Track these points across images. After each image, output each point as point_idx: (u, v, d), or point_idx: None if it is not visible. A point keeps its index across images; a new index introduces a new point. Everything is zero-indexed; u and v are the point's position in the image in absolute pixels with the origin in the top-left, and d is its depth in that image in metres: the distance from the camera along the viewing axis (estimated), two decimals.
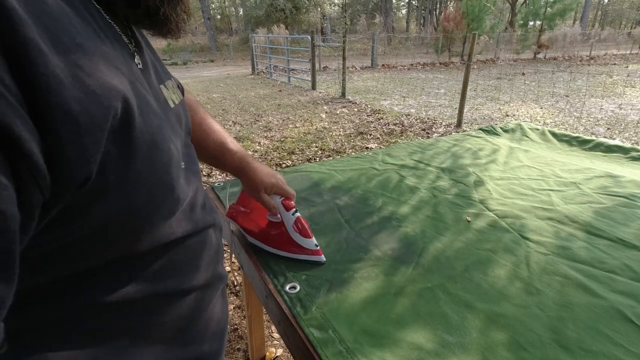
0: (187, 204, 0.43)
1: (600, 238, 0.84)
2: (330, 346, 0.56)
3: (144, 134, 0.31)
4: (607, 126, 4.57)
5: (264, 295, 0.73)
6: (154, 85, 0.43)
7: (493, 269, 0.74)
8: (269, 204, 0.75)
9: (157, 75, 0.45)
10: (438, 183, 1.14)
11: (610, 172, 1.18)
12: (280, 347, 1.43)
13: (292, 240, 0.75)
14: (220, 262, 0.52)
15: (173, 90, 0.49)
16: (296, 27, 20.78)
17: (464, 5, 13.35)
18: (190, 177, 0.44)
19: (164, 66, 0.52)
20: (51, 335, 0.32)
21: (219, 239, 0.53)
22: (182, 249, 0.42)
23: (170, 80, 0.51)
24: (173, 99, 0.47)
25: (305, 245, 0.75)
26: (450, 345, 0.56)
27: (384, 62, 12.94)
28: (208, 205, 0.51)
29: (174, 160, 0.37)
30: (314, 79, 7.46)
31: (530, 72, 10.03)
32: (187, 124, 0.51)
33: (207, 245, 0.47)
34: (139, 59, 0.41)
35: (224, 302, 0.52)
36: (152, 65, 0.45)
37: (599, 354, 0.55)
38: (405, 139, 4.01)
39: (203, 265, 0.46)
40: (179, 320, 0.41)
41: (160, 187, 0.34)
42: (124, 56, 0.35)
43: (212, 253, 0.49)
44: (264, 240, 0.79)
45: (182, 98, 0.52)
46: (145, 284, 0.38)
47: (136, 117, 0.30)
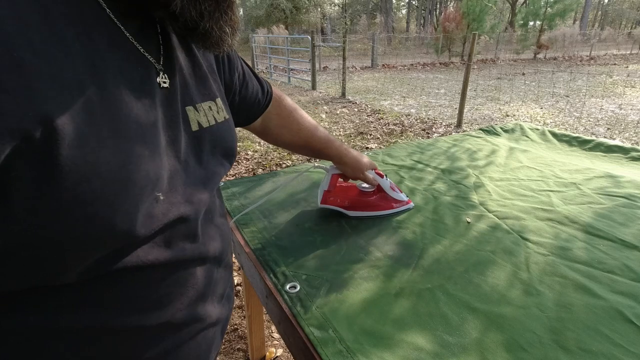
0: (165, 234, 0.39)
1: (600, 238, 0.84)
2: (330, 346, 0.56)
3: (77, 165, 0.28)
4: (607, 126, 4.57)
5: (264, 295, 0.73)
6: (176, 106, 0.42)
7: (493, 270, 0.74)
8: (370, 178, 0.91)
9: (186, 96, 0.44)
10: (438, 184, 1.14)
11: (610, 172, 1.18)
12: (280, 347, 1.43)
13: (391, 198, 0.94)
14: (208, 302, 0.47)
15: (207, 112, 0.47)
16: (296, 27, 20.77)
17: (464, 5, 13.35)
18: (177, 204, 0.40)
19: (211, 86, 0.50)
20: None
21: (210, 273, 0.48)
22: (151, 280, 0.39)
23: (211, 102, 0.49)
24: (201, 121, 0.46)
25: (402, 198, 0.95)
26: (450, 346, 0.56)
27: (384, 62, 12.94)
28: (207, 237, 0.46)
29: (142, 190, 0.34)
30: (314, 79, 7.46)
31: (530, 72, 10.03)
32: (217, 144, 0.49)
33: (189, 280, 0.43)
34: (165, 77, 0.40)
35: (203, 345, 0.46)
36: (183, 85, 0.44)
37: (599, 355, 0.55)
38: (405, 139, 4.01)
39: (177, 303, 0.42)
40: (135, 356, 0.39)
41: (99, 220, 0.31)
42: (122, 74, 0.34)
43: (195, 291, 0.44)
44: (366, 208, 0.93)
45: (223, 120, 0.51)
46: (92, 313, 0.35)
47: (64, 145, 0.27)
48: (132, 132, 0.34)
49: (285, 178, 1.19)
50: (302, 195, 1.07)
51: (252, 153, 3.58)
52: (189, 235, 0.43)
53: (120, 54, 0.35)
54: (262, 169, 3.21)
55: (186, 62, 0.47)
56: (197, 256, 0.44)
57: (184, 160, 0.42)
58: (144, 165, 0.34)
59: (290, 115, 0.81)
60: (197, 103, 0.46)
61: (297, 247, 0.81)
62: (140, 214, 0.34)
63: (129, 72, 0.35)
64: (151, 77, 0.38)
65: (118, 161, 0.32)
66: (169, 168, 0.39)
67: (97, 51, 0.32)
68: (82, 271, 0.33)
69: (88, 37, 0.31)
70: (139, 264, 0.37)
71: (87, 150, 0.29)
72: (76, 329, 0.35)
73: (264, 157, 3.45)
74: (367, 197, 0.94)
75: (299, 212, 0.96)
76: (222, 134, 0.50)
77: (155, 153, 0.36)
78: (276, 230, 0.88)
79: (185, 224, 0.41)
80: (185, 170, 0.42)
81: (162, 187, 0.37)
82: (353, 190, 0.95)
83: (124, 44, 0.36)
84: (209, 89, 0.50)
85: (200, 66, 0.49)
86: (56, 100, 0.27)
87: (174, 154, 0.41)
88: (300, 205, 1.00)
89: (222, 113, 0.51)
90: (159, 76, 0.39)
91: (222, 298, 0.51)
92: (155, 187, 0.36)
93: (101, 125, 0.31)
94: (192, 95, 0.46)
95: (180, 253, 0.41)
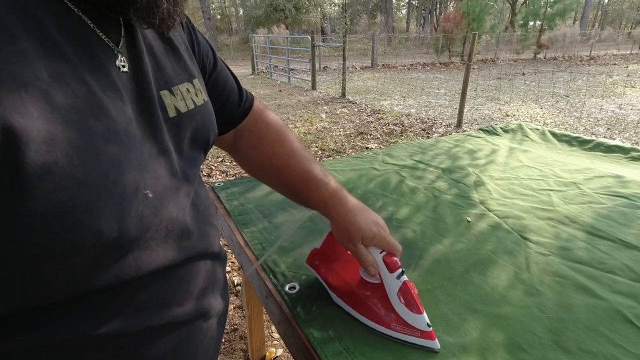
0: (159, 234, 0.37)
1: (600, 238, 0.84)
2: (330, 346, 0.56)
3: (49, 172, 0.25)
4: (607, 126, 4.57)
5: (264, 295, 0.73)
6: (148, 92, 0.38)
7: (493, 270, 0.74)
8: (366, 260, 0.56)
9: (160, 80, 0.41)
10: (438, 183, 1.14)
11: (611, 172, 1.18)
12: (280, 347, 1.43)
13: (395, 312, 0.56)
14: (210, 296, 0.46)
15: (185, 95, 0.44)
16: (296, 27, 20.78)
17: (464, 5, 13.35)
18: (167, 205, 0.37)
19: (186, 67, 0.46)
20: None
21: (214, 267, 0.47)
22: (152, 282, 0.37)
23: (188, 83, 0.45)
24: (178, 106, 0.42)
25: (414, 324, 0.54)
26: (450, 346, 0.56)
27: (384, 62, 12.94)
28: (200, 232, 0.44)
29: (127, 190, 0.31)
30: (314, 79, 7.46)
31: (530, 72, 10.03)
32: (198, 131, 0.45)
33: (191, 277, 0.42)
34: (124, 61, 0.36)
35: (208, 338, 0.45)
36: (155, 68, 0.41)
37: (599, 355, 0.54)
38: (405, 139, 4.01)
39: (180, 301, 0.41)
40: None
41: (83, 229, 0.28)
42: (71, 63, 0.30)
43: (197, 287, 0.43)
44: (353, 304, 0.60)
45: (203, 102, 0.47)
46: (94, 322, 0.33)
47: (30, 152, 0.25)
48: (105, 128, 0.30)
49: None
50: None
51: None
52: (183, 231, 0.41)
53: (75, 38, 0.31)
54: None
55: (158, 41, 0.43)
56: (195, 252, 0.43)
57: (165, 151, 0.39)
58: (125, 162, 0.31)
59: (265, 134, 0.63)
60: (173, 85, 0.42)
61: (297, 247, 0.81)
62: (130, 216, 0.32)
63: (86, 58, 0.32)
64: (111, 62, 0.35)
65: (96, 162, 0.29)
66: (152, 162, 0.36)
67: (47, 37, 0.28)
68: (76, 284, 0.31)
69: (34, 22, 0.28)
70: (137, 268, 0.35)
71: (59, 155, 0.26)
72: (78, 338, 0.33)
73: None
74: (364, 291, 0.60)
75: (299, 212, 0.96)
76: (202, 119, 0.46)
77: (132, 147, 0.33)
78: (276, 230, 0.88)
79: (177, 220, 0.39)
80: (168, 162, 0.39)
81: (149, 183, 0.34)
82: (353, 270, 0.64)
83: (76, 26, 0.32)
84: (186, 69, 0.46)
85: (176, 46, 0.45)
86: (11, 102, 0.24)
87: (154, 145, 0.38)
88: (300, 206, 1.00)
89: (200, 95, 0.47)
90: (117, 59, 0.36)
91: (222, 289, 0.50)
92: (141, 184, 0.33)
93: (69, 125, 0.27)
94: (167, 77, 0.42)
95: (178, 251, 0.40)
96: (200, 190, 0.48)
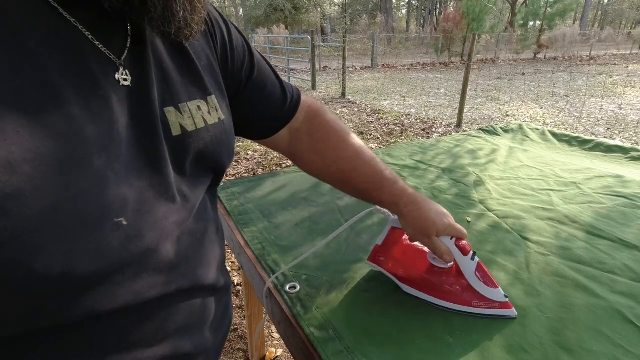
0: (130, 268, 0.33)
1: (600, 238, 0.84)
2: (330, 346, 0.56)
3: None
4: (607, 126, 4.57)
5: (264, 295, 0.73)
6: (149, 108, 0.36)
7: (493, 269, 0.73)
8: (441, 249, 0.60)
9: (166, 95, 0.39)
10: (438, 183, 1.14)
11: (611, 172, 1.18)
12: (280, 347, 1.43)
13: (473, 290, 0.61)
14: (196, 335, 0.41)
15: (193, 114, 0.41)
16: (296, 27, 20.77)
17: (464, 5, 13.35)
18: (145, 235, 0.33)
19: (202, 82, 0.43)
20: None
21: (205, 301, 0.42)
22: (114, 323, 0.33)
23: (200, 100, 0.42)
24: (184, 124, 0.40)
25: (492, 297, 0.60)
26: (450, 346, 0.56)
27: (384, 62, 12.94)
28: (190, 264, 0.40)
29: (89, 225, 0.28)
30: (314, 79, 7.46)
31: (530, 72, 10.03)
32: (207, 150, 0.42)
33: (168, 315, 0.38)
34: (126, 74, 0.34)
35: None
36: (162, 82, 0.38)
37: (599, 355, 0.54)
38: (405, 139, 4.01)
39: (153, 342, 0.36)
40: None
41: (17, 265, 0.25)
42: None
43: (178, 323, 0.39)
44: (428, 290, 0.64)
45: (215, 121, 0.44)
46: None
47: None
48: (70, 151, 0.27)
49: (285, 178, 1.18)
50: (302, 195, 1.07)
51: (252, 153, 3.58)
52: (163, 264, 0.36)
53: (62, 49, 0.29)
54: (262, 169, 3.21)
55: (171, 54, 0.41)
56: (176, 288, 0.38)
57: (161, 172, 0.36)
58: (91, 188, 0.28)
59: (326, 137, 0.62)
60: (180, 102, 0.40)
61: (296, 247, 0.81)
62: (87, 250, 0.28)
63: (73, 72, 0.30)
64: (108, 75, 0.33)
65: (51, 187, 0.26)
66: (139, 184, 0.33)
67: (21, 50, 0.26)
68: (18, 322, 0.28)
69: (11, 33, 0.26)
70: (93, 308, 0.31)
71: (4, 179, 0.24)
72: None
73: (264, 157, 3.45)
74: (437, 277, 0.64)
75: (299, 212, 0.96)
76: (213, 138, 0.43)
77: (109, 170, 0.30)
78: (276, 230, 0.88)
79: (156, 251, 0.35)
80: (163, 185, 0.36)
81: (126, 211, 0.31)
82: (420, 259, 0.68)
83: (67, 36, 0.30)
84: (201, 86, 0.43)
85: (192, 61, 0.43)
86: None
87: (149, 165, 0.35)
88: (301, 205, 1.00)
89: (215, 114, 0.44)
90: (117, 72, 0.33)
91: (218, 321, 0.46)
92: (113, 211, 0.30)
93: (22, 144, 0.25)
94: (174, 93, 0.39)
95: (152, 287, 0.35)
96: (205, 214, 0.44)
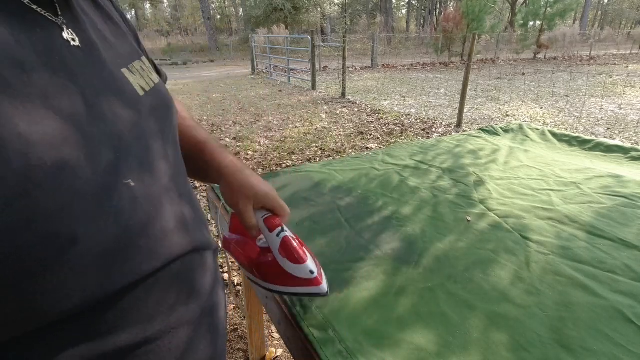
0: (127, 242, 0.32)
1: (600, 238, 0.84)
2: (330, 346, 0.56)
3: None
4: (607, 126, 4.57)
5: (264, 295, 0.73)
6: (109, 67, 0.34)
7: (493, 269, 0.74)
8: (250, 220, 0.56)
9: (116, 57, 0.36)
10: (438, 183, 1.14)
11: (610, 172, 1.18)
12: (280, 347, 1.43)
13: (282, 269, 0.57)
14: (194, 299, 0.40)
15: (142, 73, 0.39)
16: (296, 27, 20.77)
17: (464, 5, 13.35)
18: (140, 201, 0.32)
19: (132, 44, 0.42)
20: None
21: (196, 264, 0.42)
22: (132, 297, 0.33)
23: (139, 61, 0.41)
24: (142, 85, 0.38)
25: (297, 274, 0.56)
26: (450, 345, 0.56)
27: (384, 62, 12.94)
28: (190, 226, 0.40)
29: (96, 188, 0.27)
30: (314, 79, 7.46)
31: (530, 72, 10.03)
32: (166, 113, 0.41)
33: (175, 282, 0.37)
34: (72, 34, 0.31)
35: (203, 341, 0.41)
36: (104, 43, 0.36)
37: (599, 354, 0.54)
38: (405, 139, 4.01)
39: (165, 310, 0.36)
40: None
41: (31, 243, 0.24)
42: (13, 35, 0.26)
43: (185, 289, 0.39)
44: (262, 276, 0.61)
45: (158, 80, 0.43)
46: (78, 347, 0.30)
47: None
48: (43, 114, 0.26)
49: (286, 178, 1.18)
50: (303, 195, 1.07)
51: (252, 153, 3.58)
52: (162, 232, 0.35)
53: (6, 17, 0.26)
54: (262, 169, 3.21)
55: (97, 16, 0.37)
56: (178, 253, 0.37)
57: (149, 135, 0.34)
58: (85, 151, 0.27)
59: None
60: (129, 63, 0.38)
61: None
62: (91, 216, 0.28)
63: (24, 36, 0.26)
64: (56, 37, 0.29)
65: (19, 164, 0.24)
66: (136, 143, 0.31)
67: None
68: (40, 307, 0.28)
69: None
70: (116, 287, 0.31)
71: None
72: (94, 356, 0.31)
73: (264, 157, 3.45)
74: (265, 259, 0.60)
75: (299, 212, 0.96)
76: (163, 98, 0.42)
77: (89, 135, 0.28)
78: None
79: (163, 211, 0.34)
80: (156, 146, 0.35)
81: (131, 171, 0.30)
82: (250, 245, 0.65)
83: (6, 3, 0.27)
84: (132, 47, 0.41)
85: (115, 22, 0.40)
86: None
87: (130, 131, 0.33)
88: (301, 205, 1.00)
89: (153, 74, 0.43)
90: (63, 32, 0.30)
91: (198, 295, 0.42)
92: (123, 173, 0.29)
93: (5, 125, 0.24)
94: (120, 54, 0.37)
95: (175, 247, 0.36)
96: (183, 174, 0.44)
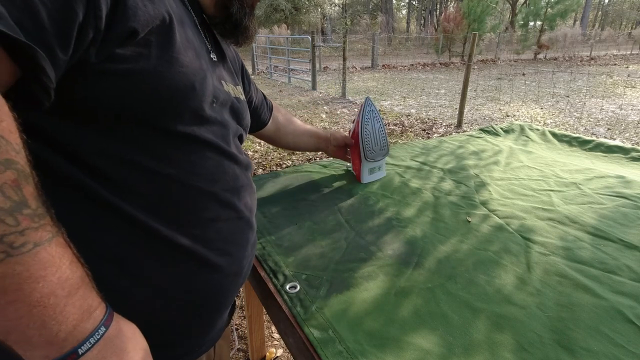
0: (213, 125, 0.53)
1: (600, 239, 0.84)
2: (330, 346, 0.56)
3: (180, 47, 0.46)
4: (607, 126, 4.57)
5: (264, 296, 0.73)
6: (219, 74, 0.58)
7: (494, 269, 0.73)
8: (346, 140, 1.16)
9: (226, 75, 0.61)
10: (439, 184, 1.14)
11: (611, 172, 1.18)
12: (280, 347, 1.43)
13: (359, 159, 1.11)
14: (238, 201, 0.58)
15: (235, 90, 0.63)
16: (296, 27, 20.76)
17: (464, 6, 13.35)
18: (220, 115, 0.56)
19: (243, 78, 0.78)
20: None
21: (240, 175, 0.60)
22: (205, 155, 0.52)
23: (239, 87, 0.66)
24: (231, 91, 0.60)
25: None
26: (450, 346, 0.56)
27: (384, 62, 12.94)
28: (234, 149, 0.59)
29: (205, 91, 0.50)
30: (315, 79, 7.45)
31: (531, 72, 10.03)
32: (244, 119, 0.65)
33: (225, 170, 0.55)
34: (214, 55, 0.58)
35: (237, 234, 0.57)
36: (225, 69, 0.62)
37: (600, 355, 0.54)
38: (405, 139, 4.01)
39: (221, 183, 0.54)
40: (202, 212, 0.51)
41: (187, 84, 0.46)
42: (199, 39, 0.55)
43: (228, 184, 0.55)
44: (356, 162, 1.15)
45: (244, 100, 0.67)
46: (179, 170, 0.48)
47: (176, 33, 0.46)
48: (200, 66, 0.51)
49: (286, 178, 1.18)
50: (303, 195, 1.06)
51: (252, 153, 3.58)
52: (225, 138, 0.56)
53: (194, 30, 0.54)
54: (262, 169, 3.21)
55: (233, 57, 0.71)
56: (230, 155, 0.56)
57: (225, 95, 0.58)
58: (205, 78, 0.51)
59: (286, 124, 1.07)
60: (229, 84, 0.61)
61: (297, 247, 0.81)
62: (205, 103, 0.50)
63: (198, 41, 0.54)
64: (208, 53, 0.57)
65: (195, 68, 0.48)
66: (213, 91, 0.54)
67: (183, 23, 0.51)
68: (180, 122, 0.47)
69: (190, 17, 0.55)
70: (202, 136, 0.50)
71: (183, 55, 0.46)
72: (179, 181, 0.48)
73: (264, 157, 3.45)
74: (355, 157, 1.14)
75: (299, 212, 0.96)
76: (245, 107, 0.66)
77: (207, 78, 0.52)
78: (276, 230, 0.88)
79: (225, 127, 0.56)
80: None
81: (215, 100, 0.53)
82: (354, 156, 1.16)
83: (196, 28, 0.56)
84: (238, 76, 0.72)
85: (237, 63, 0.74)
86: (172, 13, 0.46)
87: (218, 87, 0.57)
88: (300, 205, 1.00)
89: (242, 96, 0.66)
90: (211, 53, 0.58)
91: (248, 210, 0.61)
92: (210, 96, 0.52)
93: (188, 51, 0.48)
94: (230, 78, 0.64)
95: (221, 143, 0.54)
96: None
